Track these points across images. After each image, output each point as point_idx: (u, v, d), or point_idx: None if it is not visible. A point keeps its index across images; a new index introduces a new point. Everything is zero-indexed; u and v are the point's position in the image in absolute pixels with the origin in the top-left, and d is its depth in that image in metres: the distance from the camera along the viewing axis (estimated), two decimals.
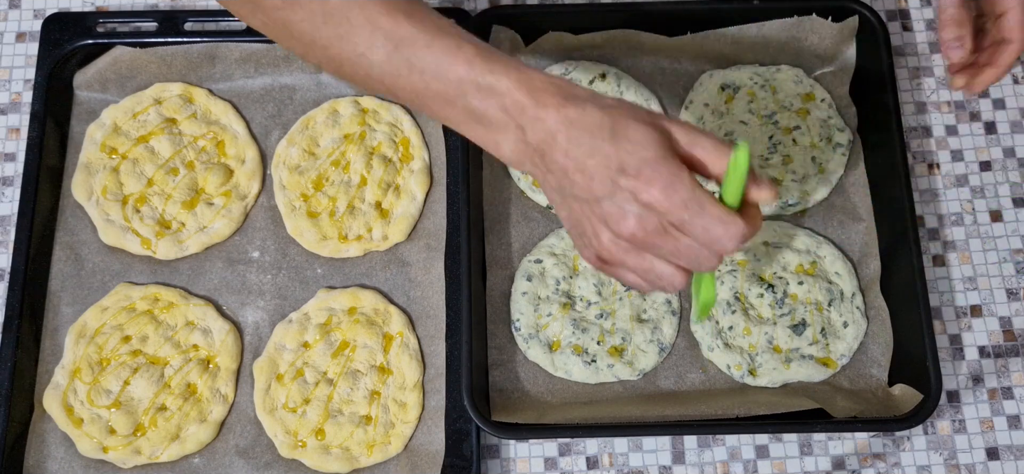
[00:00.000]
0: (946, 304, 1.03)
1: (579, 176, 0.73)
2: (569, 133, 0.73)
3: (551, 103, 0.73)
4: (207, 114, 1.07)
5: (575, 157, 0.73)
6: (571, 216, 0.77)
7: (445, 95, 0.76)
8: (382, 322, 1.00)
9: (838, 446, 0.98)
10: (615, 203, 0.73)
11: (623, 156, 0.71)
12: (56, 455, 0.96)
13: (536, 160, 0.75)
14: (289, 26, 0.77)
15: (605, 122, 0.72)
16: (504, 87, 0.74)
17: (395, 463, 0.96)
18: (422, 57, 0.75)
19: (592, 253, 0.78)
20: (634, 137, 0.72)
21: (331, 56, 0.78)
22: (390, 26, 0.75)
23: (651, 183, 0.71)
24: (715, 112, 1.07)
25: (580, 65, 1.09)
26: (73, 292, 1.01)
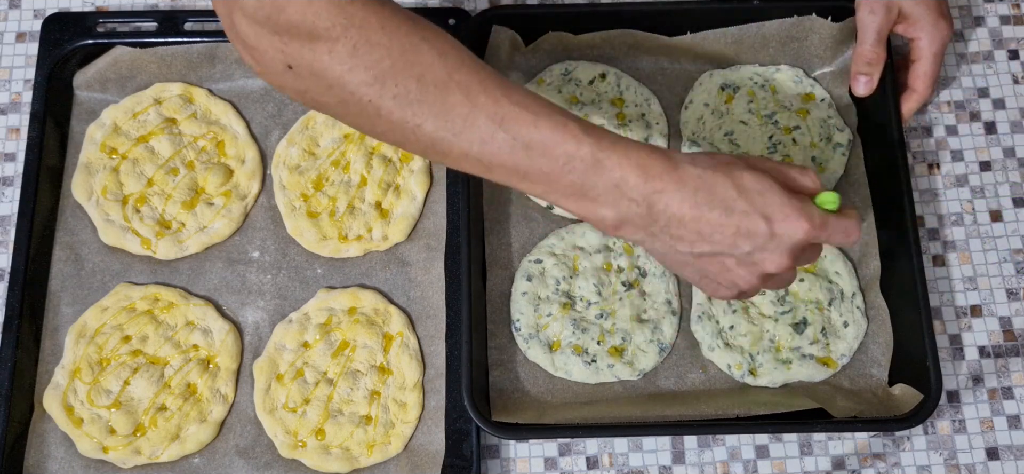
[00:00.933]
0: (946, 304, 1.03)
1: (716, 236, 0.77)
2: (694, 198, 0.76)
3: (663, 174, 0.76)
4: (207, 114, 1.07)
5: (708, 221, 0.77)
6: (699, 270, 0.81)
7: (549, 173, 0.76)
8: (382, 322, 1.00)
9: (838, 446, 0.98)
10: (765, 249, 0.78)
11: (761, 206, 0.77)
12: (56, 455, 0.96)
13: (647, 228, 0.78)
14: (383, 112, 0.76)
15: (725, 180, 0.77)
16: (612, 163, 0.76)
17: (395, 463, 0.96)
18: (527, 134, 0.75)
19: (730, 291, 0.83)
20: (756, 186, 0.77)
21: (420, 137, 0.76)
22: (490, 104, 0.75)
23: (795, 222, 0.77)
24: (715, 112, 1.07)
25: (580, 65, 1.09)
26: (73, 292, 1.01)
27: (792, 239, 0.78)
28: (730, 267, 0.80)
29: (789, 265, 0.79)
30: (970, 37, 1.13)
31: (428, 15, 1.08)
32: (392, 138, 0.77)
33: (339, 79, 0.73)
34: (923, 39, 1.03)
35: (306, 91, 0.76)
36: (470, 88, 0.75)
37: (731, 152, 1.05)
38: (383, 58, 0.73)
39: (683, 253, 0.79)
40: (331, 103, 0.76)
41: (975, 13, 1.14)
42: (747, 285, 0.81)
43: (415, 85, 0.74)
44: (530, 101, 0.76)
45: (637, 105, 1.07)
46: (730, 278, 0.81)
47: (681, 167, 0.77)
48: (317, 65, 0.73)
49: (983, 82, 1.11)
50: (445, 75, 0.75)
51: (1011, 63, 1.12)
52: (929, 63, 1.03)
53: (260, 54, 0.74)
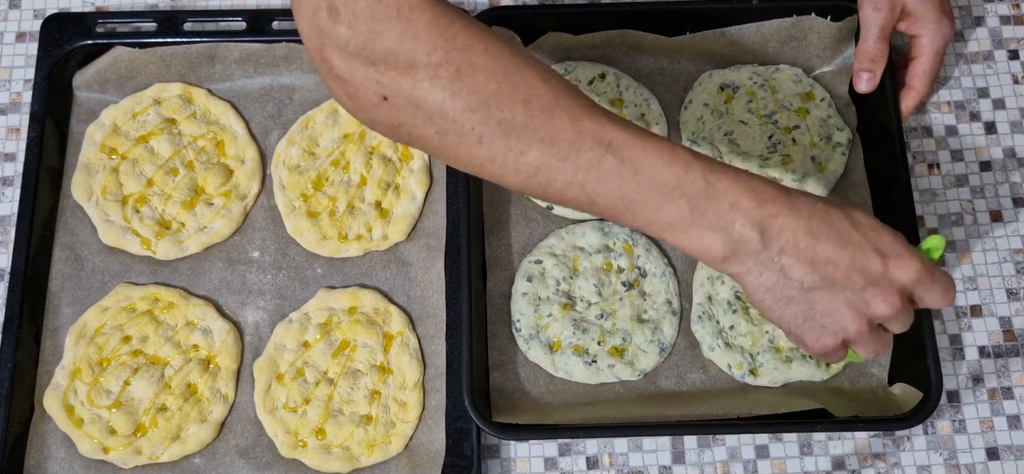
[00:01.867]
0: None
1: (829, 268, 0.75)
2: (810, 226, 0.75)
3: (777, 199, 0.75)
4: (207, 114, 1.07)
5: (823, 250, 0.75)
6: (805, 309, 0.78)
7: (656, 199, 0.74)
8: (382, 322, 1.00)
9: (838, 446, 0.98)
10: (877, 286, 0.76)
11: (875, 242, 0.76)
12: (56, 455, 0.96)
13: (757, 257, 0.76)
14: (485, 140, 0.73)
15: (838, 213, 0.76)
16: (725, 187, 0.74)
17: (395, 463, 0.96)
18: (635, 158, 0.73)
19: (834, 338, 0.79)
20: (869, 222, 0.77)
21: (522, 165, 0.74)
22: (597, 128, 0.73)
23: (909, 261, 0.76)
24: (714, 112, 1.07)
25: (580, 65, 1.09)
26: (73, 292, 1.01)
27: (904, 279, 0.76)
28: (839, 306, 0.77)
29: (899, 307, 0.77)
30: (970, 37, 1.13)
31: None
32: (491, 169, 0.74)
33: (440, 107, 0.71)
34: (925, 37, 1.03)
35: (400, 124, 0.73)
36: (575, 112, 0.73)
37: (731, 152, 1.05)
38: (487, 82, 0.71)
39: (793, 286, 0.76)
40: (428, 134, 0.73)
41: (975, 13, 1.14)
42: (854, 328, 0.78)
43: (521, 109, 0.72)
44: (636, 128, 0.75)
45: (637, 105, 1.07)
46: (837, 320, 0.78)
47: (793, 195, 0.76)
48: (416, 94, 0.71)
49: (983, 82, 1.11)
50: (551, 99, 0.73)
51: (1011, 63, 1.12)
52: (929, 61, 1.03)
53: (354, 88, 0.72)
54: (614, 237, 1.02)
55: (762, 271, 0.76)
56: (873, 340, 0.79)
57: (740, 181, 0.75)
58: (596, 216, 0.76)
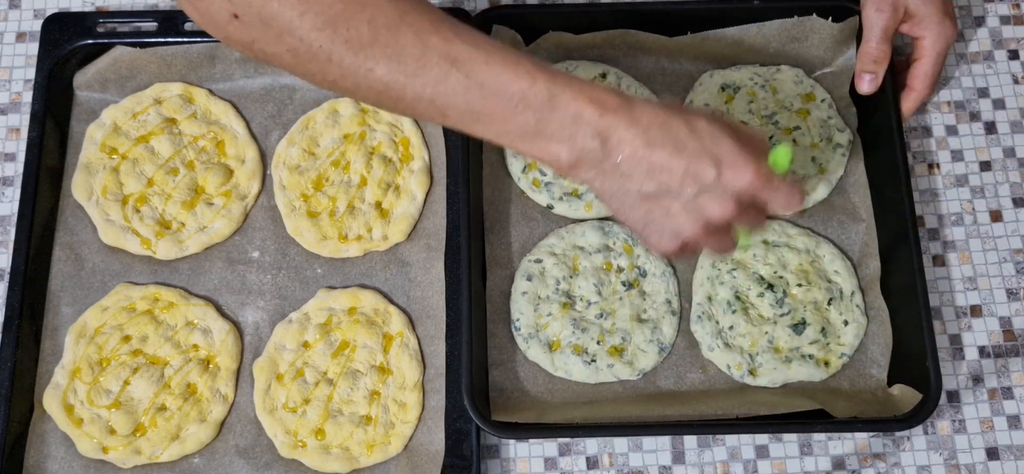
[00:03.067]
0: (946, 304, 1.03)
1: (664, 175, 0.77)
2: (648, 135, 0.76)
3: (618, 109, 0.76)
4: (207, 114, 1.07)
5: (659, 158, 0.76)
6: (645, 214, 0.80)
7: (503, 112, 0.76)
8: (382, 322, 1.00)
9: (838, 446, 0.98)
10: (711, 192, 0.77)
11: (712, 149, 0.77)
12: (56, 455, 0.96)
13: (599, 166, 0.77)
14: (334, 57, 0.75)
15: (678, 121, 0.77)
16: (568, 98, 0.75)
17: (395, 463, 0.96)
18: (480, 73, 0.75)
19: (673, 241, 0.81)
20: (709, 130, 0.77)
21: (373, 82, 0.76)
22: (442, 44, 0.74)
23: (743, 169, 0.77)
24: (715, 112, 1.07)
25: (580, 65, 1.09)
26: (73, 292, 1.01)
27: (738, 185, 0.77)
28: (675, 212, 0.79)
29: (732, 212, 0.78)
30: (970, 37, 1.13)
31: None
32: (344, 86, 0.76)
33: (289, 25, 0.72)
34: (927, 38, 1.03)
35: (253, 41, 0.75)
36: (421, 29, 0.74)
37: None
38: (334, 2, 0.72)
39: (631, 193, 0.78)
40: (280, 52, 0.75)
41: (975, 13, 1.14)
42: (690, 233, 0.80)
43: (367, 28, 0.73)
44: (482, 41, 0.76)
45: None
46: (674, 224, 0.80)
47: (636, 104, 0.77)
48: (266, 11, 0.72)
49: (983, 82, 1.11)
50: (396, 17, 0.74)
51: (1011, 63, 1.12)
52: (931, 63, 1.03)
53: (204, 5, 0.73)
54: (614, 236, 1.02)
55: (605, 178, 0.78)
56: (715, 240, 0.82)
57: (583, 92, 0.76)
58: (449, 127, 0.78)
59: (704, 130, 0.77)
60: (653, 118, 0.76)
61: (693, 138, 0.76)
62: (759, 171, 0.77)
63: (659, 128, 0.76)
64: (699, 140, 0.76)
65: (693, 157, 0.76)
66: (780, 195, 0.79)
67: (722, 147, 0.77)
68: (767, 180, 0.78)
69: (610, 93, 0.77)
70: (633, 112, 0.76)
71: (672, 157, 0.76)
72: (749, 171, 0.77)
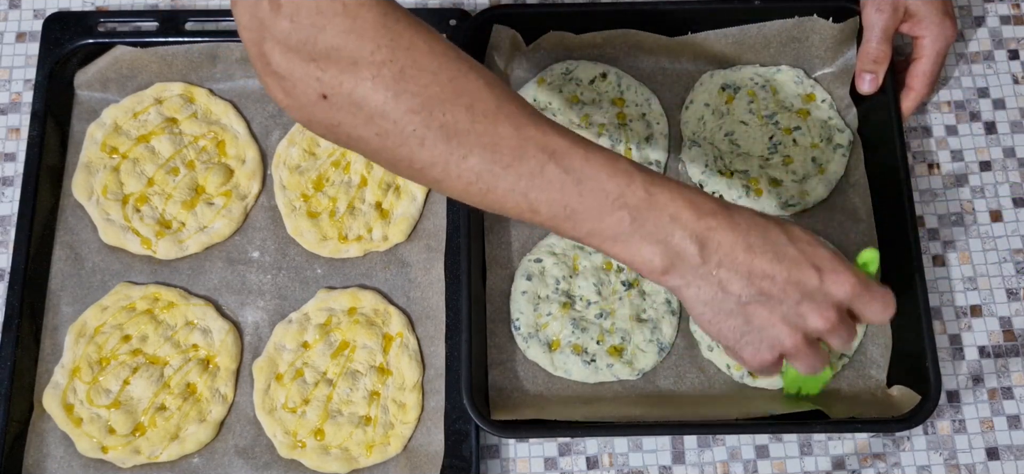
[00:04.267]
0: (946, 304, 1.03)
1: (766, 282, 0.75)
2: (748, 240, 0.75)
3: (716, 213, 0.75)
4: (208, 114, 1.07)
5: (760, 264, 0.75)
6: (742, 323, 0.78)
7: (598, 210, 0.74)
8: (382, 323, 1.00)
9: (838, 446, 0.98)
10: (813, 300, 0.76)
11: (812, 256, 0.76)
12: (55, 454, 0.96)
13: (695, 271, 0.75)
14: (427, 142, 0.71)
15: (775, 228, 0.77)
16: (665, 200, 0.74)
17: (394, 464, 0.96)
18: (578, 168, 0.73)
19: (771, 353, 0.79)
20: (806, 237, 0.77)
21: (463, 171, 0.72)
22: (540, 136, 0.73)
23: (844, 275, 0.77)
24: (715, 112, 1.07)
25: (581, 64, 1.09)
26: (73, 291, 1.01)
27: (840, 293, 0.76)
28: (775, 321, 0.77)
29: (835, 321, 0.77)
30: (970, 37, 1.13)
31: (428, 15, 1.09)
32: (432, 174, 0.73)
33: (381, 107, 0.70)
34: (927, 38, 1.03)
35: (339, 124, 0.71)
36: (519, 120, 0.72)
37: (731, 152, 1.05)
38: (431, 84, 0.70)
39: (731, 299, 0.76)
40: (368, 136, 0.71)
41: (975, 13, 1.14)
42: (790, 343, 0.78)
43: (464, 114, 0.71)
44: (578, 137, 0.74)
45: (638, 105, 1.07)
46: (773, 334, 0.77)
47: (733, 210, 0.76)
48: (358, 93, 0.69)
49: (983, 82, 1.11)
50: (495, 105, 0.72)
51: (1011, 63, 1.12)
52: (931, 63, 1.03)
53: (292, 84, 0.70)
54: None
55: (701, 284, 0.76)
56: (810, 355, 0.79)
57: (681, 194, 0.75)
58: (536, 226, 0.76)
59: (801, 237, 0.77)
60: (752, 224, 0.75)
61: (793, 246, 0.76)
62: (859, 277, 0.77)
63: (759, 234, 0.75)
64: (799, 248, 0.76)
65: (794, 264, 0.75)
66: (877, 303, 0.78)
67: (820, 254, 0.76)
68: (866, 286, 0.77)
69: (707, 198, 0.76)
70: (732, 216, 0.75)
71: (774, 264, 0.75)
72: (850, 277, 0.76)
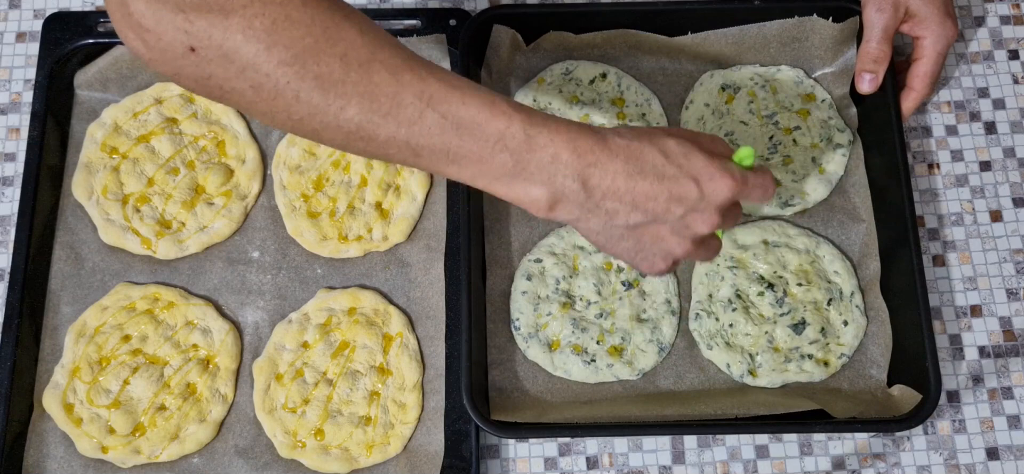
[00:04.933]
0: (946, 304, 1.03)
1: (650, 203, 0.77)
2: (626, 168, 0.76)
3: (594, 148, 0.75)
4: (208, 114, 1.07)
5: (642, 189, 0.76)
6: (634, 244, 0.80)
7: (479, 153, 0.74)
8: (382, 323, 1.00)
9: (838, 446, 0.98)
10: (696, 210, 0.78)
11: (688, 168, 0.77)
12: (55, 454, 0.96)
13: (581, 206, 0.77)
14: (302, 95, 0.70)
15: (650, 147, 0.77)
16: (544, 140, 0.74)
17: (394, 464, 0.96)
18: (457, 112, 0.73)
19: (665, 262, 0.82)
20: (680, 150, 0.78)
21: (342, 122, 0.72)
22: (416, 82, 0.72)
23: (721, 180, 0.78)
24: (715, 112, 1.07)
25: (581, 65, 1.09)
26: (73, 291, 1.01)
27: (720, 197, 0.78)
28: (664, 235, 0.79)
29: (717, 223, 0.79)
30: (970, 37, 1.13)
31: (428, 16, 1.09)
32: (309, 126, 0.72)
33: (253, 60, 0.68)
34: (927, 38, 1.03)
35: (209, 77, 0.69)
36: (395, 66, 0.72)
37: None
38: (304, 36, 0.68)
39: (619, 227, 0.78)
40: (241, 88, 0.70)
41: (975, 13, 1.14)
42: (681, 251, 0.81)
43: (338, 64, 0.69)
44: (456, 80, 0.74)
45: (638, 105, 1.07)
46: (665, 247, 0.80)
47: (610, 139, 0.76)
48: (228, 45, 0.67)
49: (983, 82, 1.11)
50: (368, 53, 0.71)
51: (1011, 63, 1.12)
52: (931, 63, 1.03)
53: (156, 37, 0.67)
54: None
55: (589, 217, 0.78)
56: (703, 250, 0.83)
57: (560, 132, 0.75)
58: (422, 169, 0.76)
59: (676, 151, 0.77)
60: (629, 151, 0.76)
61: (669, 163, 0.77)
62: (735, 176, 0.79)
63: (635, 160, 0.76)
64: (675, 163, 0.77)
65: (674, 182, 0.77)
66: (756, 191, 0.81)
67: (696, 163, 0.77)
68: (743, 182, 0.79)
69: (585, 132, 0.76)
70: (610, 148, 0.76)
71: (654, 184, 0.76)
72: (727, 180, 0.78)
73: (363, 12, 1.08)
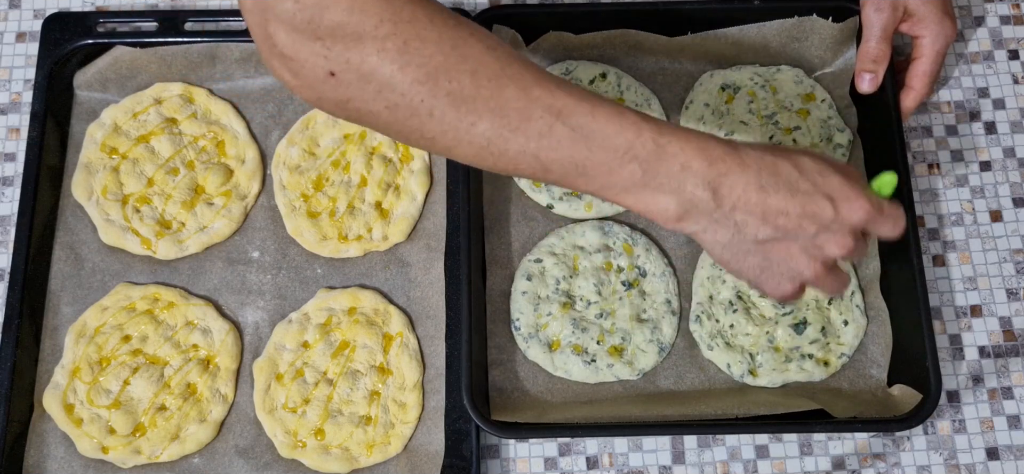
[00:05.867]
0: (946, 304, 1.03)
1: (781, 219, 0.76)
2: (759, 180, 0.75)
3: (726, 157, 0.75)
4: (207, 114, 1.07)
5: (774, 202, 0.76)
6: (761, 260, 0.79)
7: (609, 164, 0.74)
8: (382, 322, 1.00)
9: (838, 446, 0.98)
10: (829, 230, 0.77)
11: (824, 187, 0.77)
12: (56, 455, 0.96)
13: (710, 216, 0.76)
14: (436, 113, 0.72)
15: (785, 162, 0.77)
16: (675, 149, 0.74)
17: (394, 463, 0.96)
18: (586, 124, 0.73)
19: (792, 284, 0.81)
20: (816, 167, 0.77)
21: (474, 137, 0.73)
22: (546, 96, 0.73)
23: (857, 201, 0.77)
24: (715, 112, 1.07)
25: (580, 65, 1.09)
26: (73, 292, 1.01)
27: (855, 219, 0.77)
28: (794, 253, 0.78)
29: (852, 247, 0.78)
30: (970, 37, 1.13)
31: None
32: (442, 143, 0.74)
33: (389, 80, 0.70)
34: (926, 38, 1.03)
35: (350, 100, 0.72)
36: (524, 81, 0.73)
37: None
38: (435, 54, 0.70)
39: (747, 241, 0.77)
40: (378, 109, 0.72)
41: (975, 13, 1.14)
42: (811, 273, 0.79)
43: (469, 80, 0.71)
44: (584, 94, 0.75)
45: (638, 105, 1.07)
46: (793, 267, 0.79)
47: (742, 151, 0.76)
48: (365, 67, 0.70)
49: (983, 82, 1.11)
50: (498, 69, 0.72)
51: (1011, 63, 1.12)
52: (930, 62, 1.03)
53: (299, 64, 0.70)
54: (614, 236, 1.02)
55: (717, 229, 0.77)
56: (831, 279, 0.81)
57: (690, 141, 0.75)
58: (551, 183, 0.77)
59: (812, 168, 0.77)
60: (762, 163, 0.76)
61: (805, 179, 0.76)
62: (872, 201, 0.78)
63: (770, 172, 0.76)
64: (811, 180, 0.76)
65: (808, 198, 0.76)
66: (887, 223, 0.80)
67: (832, 183, 0.77)
68: (878, 209, 0.78)
69: (716, 142, 0.76)
70: (742, 158, 0.76)
71: (787, 200, 0.76)
72: (863, 203, 0.77)
73: None
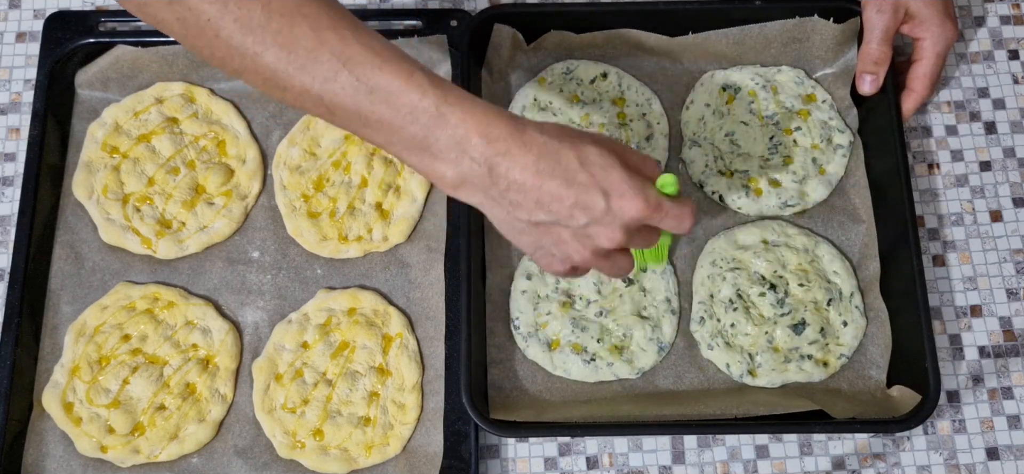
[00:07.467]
0: (946, 304, 1.03)
1: (554, 205, 0.76)
2: (537, 165, 0.75)
3: (507, 137, 0.75)
4: (208, 114, 1.07)
5: (548, 188, 0.76)
6: (534, 239, 0.80)
7: (392, 121, 0.75)
8: (381, 323, 1.00)
9: (838, 446, 0.98)
10: (600, 223, 0.77)
11: (601, 180, 0.76)
12: (55, 454, 0.96)
13: (486, 191, 0.77)
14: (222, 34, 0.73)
15: (568, 150, 0.76)
16: (455, 120, 0.74)
17: (393, 464, 0.96)
18: (371, 77, 0.74)
19: (563, 265, 0.82)
20: (599, 160, 0.77)
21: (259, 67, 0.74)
22: (337, 41, 0.73)
23: (631, 199, 0.77)
24: (716, 112, 1.07)
25: (582, 64, 1.09)
26: (73, 291, 1.01)
27: (627, 216, 0.77)
28: (565, 239, 0.79)
29: (621, 240, 0.78)
30: (970, 37, 1.13)
31: (428, 17, 1.09)
32: (230, 66, 0.75)
33: None
34: (927, 40, 1.03)
35: (146, 4, 0.73)
36: (318, 22, 0.73)
37: (732, 152, 1.05)
38: None
39: (521, 220, 0.78)
40: (169, 19, 0.73)
41: (975, 13, 1.14)
42: (580, 259, 0.80)
43: (260, 10, 0.72)
44: (379, 45, 0.75)
45: (638, 105, 1.07)
46: (564, 251, 0.80)
47: (526, 132, 0.76)
48: None
49: (983, 82, 1.11)
50: (293, 5, 0.73)
51: (1011, 63, 1.12)
52: (931, 64, 1.03)
53: None
54: None
55: (492, 205, 0.78)
56: (607, 263, 0.82)
57: (473, 114, 0.75)
58: (340, 127, 0.78)
59: (594, 159, 0.76)
60: (544, 148, 0.76)
61: (582, 169, 0.76)
62: (648, 199, 0.77)
63: (549, 158, 0.76)
64: (589, 171, 0.76)
65: (583, 189, 0.76)
66: (670, 219, 0.79)
67: (611, 177, 0.76)
68: (656, 207, 0.78)
69: (501, 118, 0.76)
70: (524, 140, 0.75)
71: (562, 188, 0.76)
72: (637, 201, 0.77)
73: (363, 13, 1.09)
